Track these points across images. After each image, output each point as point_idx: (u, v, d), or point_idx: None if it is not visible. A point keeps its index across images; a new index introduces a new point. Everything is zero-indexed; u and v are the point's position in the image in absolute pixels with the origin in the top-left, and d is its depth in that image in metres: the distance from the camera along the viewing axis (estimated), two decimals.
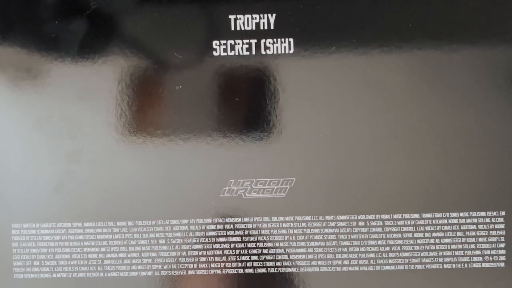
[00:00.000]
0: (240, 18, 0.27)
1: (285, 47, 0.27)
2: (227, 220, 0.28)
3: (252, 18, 0.27)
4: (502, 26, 0.27)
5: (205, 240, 0.28)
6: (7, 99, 0.27)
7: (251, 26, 0.27)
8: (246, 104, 0.27)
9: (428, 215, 0.28)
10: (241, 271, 0.28)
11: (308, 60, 0.27)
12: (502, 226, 0.28)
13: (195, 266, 0.28)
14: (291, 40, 0.27)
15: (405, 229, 0.28)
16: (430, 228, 0.28)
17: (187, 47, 0.27)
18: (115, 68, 0.27)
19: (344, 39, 0.27)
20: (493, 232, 0.28)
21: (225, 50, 0.27)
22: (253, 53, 0.27)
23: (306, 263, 0.28)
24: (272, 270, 0.28)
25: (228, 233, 0.28)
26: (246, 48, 0.27)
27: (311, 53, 0.27)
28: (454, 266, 0.28)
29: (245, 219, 0.28)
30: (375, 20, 0.27)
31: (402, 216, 0.28)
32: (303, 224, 0.28)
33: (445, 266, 0.28)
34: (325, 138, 0.27)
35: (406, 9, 0.27)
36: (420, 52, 0.27)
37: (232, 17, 0.27)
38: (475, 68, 0.27)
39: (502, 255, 0.28)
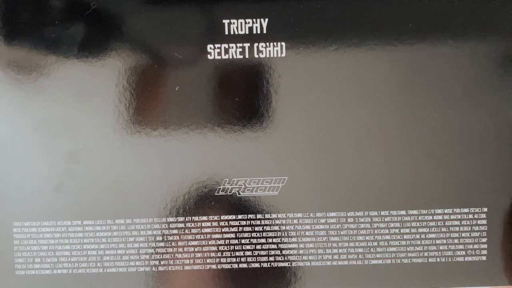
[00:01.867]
0: (233, 23, 0.27)
1: (277, 50, 0.27)
2: (222, 217, 0.28)
3: (245, 23, 0.27)
4: (488, 22, 0.27)
5: (200, 236, 0.28)
6: (9, 101, 0.27)
7: (244, 31, 0.27)
8: (240, 106, 0.28)
9: (414, 212, 0.28)
10: (235, 266, 0.29)
11: (299, 63, 0.27)
12: (484, 221, 0.28)
13: (192, 261, 0.28)
14: (283, 44, 0.27)
15: (392, 225, 0.28)
16: (416, 224, 0.28)
17: (183, 50, 0.27)
18: (114, 68, 0.27)
19: (334, 43, 0.27)
20: (476, 228, 0.28)
21: (219, 53, 0.27)
22: (247, 56, 0.27)
23: (297, 257, 0.29)
24: (265, 265, 0.29)
25: (223, 230, 0.28)
26: (240, 52, 0.27)
27: (302, 57, 0.27)
28: (438, 260, 0.29)
29: (239, 217, 0.28)
30: (364, 24, 0.27)
31: (389, 212, 0.28)
32: (295, 221, 0.28)
33: (430, 260, 0.28)
34: (316, 139, 0.28)
35: (398, 10, 0.27)
36: (408, 52, 0.27)
37: (226, 21, 0.27)
38: (460, 67, 0.27)
39: (484, 249, 0.29)
